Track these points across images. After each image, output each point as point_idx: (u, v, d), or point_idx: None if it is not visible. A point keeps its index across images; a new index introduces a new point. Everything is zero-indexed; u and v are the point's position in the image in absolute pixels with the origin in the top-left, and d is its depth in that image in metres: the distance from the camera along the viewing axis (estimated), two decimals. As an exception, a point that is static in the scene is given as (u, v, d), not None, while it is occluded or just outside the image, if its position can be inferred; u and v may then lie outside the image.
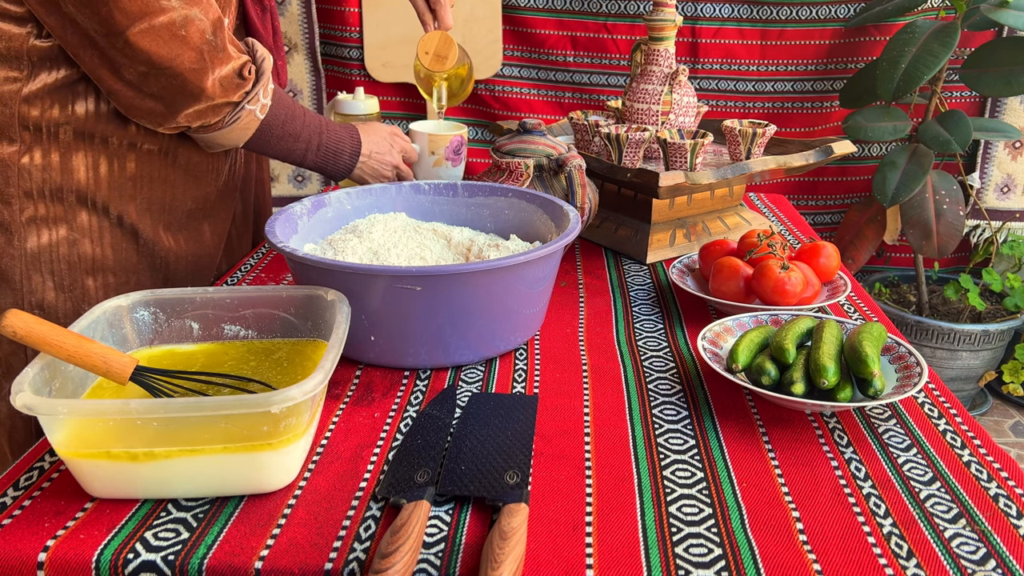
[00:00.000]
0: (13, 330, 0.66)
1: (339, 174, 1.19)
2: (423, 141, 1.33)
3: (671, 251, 1.27)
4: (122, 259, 1.05)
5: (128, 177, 1.02)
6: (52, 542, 0.63)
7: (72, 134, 0.97)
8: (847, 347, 0.83)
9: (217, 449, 0.65)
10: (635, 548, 0.63)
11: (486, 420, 0.79)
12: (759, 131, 1.26)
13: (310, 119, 1.11)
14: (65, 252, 1.00)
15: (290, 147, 1.09)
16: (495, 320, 0.90)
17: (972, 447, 0.76)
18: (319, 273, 0.86)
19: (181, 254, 1.12)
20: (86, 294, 1.03)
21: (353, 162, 1.18)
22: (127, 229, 1.04)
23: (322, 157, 1.14)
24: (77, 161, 0.98)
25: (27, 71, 0.92)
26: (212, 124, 1.00)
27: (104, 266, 1.03)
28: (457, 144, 1.34)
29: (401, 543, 0.60)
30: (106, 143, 0.99)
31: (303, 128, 1.09)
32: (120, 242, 1.04)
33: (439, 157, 1.33)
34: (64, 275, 1.00)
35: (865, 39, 2.35)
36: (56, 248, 0.99)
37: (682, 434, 0.78)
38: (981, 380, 2.43)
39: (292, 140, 1.08)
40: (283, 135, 1.07)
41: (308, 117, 1.11)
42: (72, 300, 1.01)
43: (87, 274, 1.02)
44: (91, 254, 1.02)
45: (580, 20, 2.36)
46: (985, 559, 0.62)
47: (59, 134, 0.96)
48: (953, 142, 2.09)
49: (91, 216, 1.00)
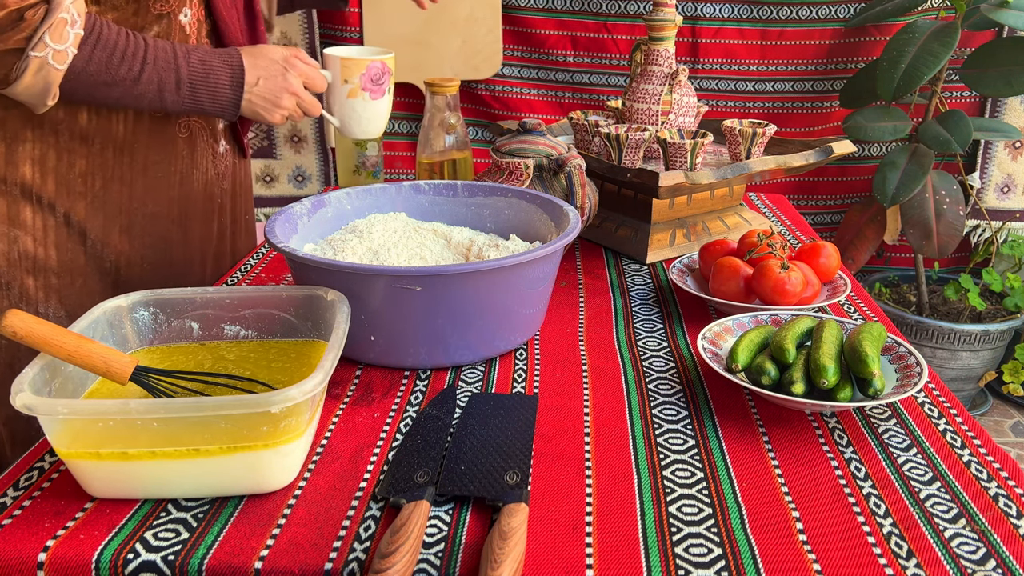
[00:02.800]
0: (13, 330, 0.66)
1: (221, 111, 1.03)
2: (335, 66, 1.11)
3: (671, 251, 1.27)
4: (67, 260, 1.00)
5: (77, 173, 0.98)
6: (52, 542, 0.63)
7: (19, 121, 0.93)
8: (847, 347, 0.83)
9: (217, 449, 0.65)
10: (635, 548, 0.63)
11: (486, 420, 0.79)
12: (759, 131, 1.26)
13: (162, 56, 0.96)
14: (4, 248, 0.96)
15: (128, 91, 0.94)
16: (495, 320, 0.90)
17: (972, 447, 0.76)
18: (319, 273, 0.86)
19: (136, 259, 1.08)
20: (24, 294, 0.99)
21: (237, 94, 1.01)
22: (74, 229, 1.00)
23: (190, 96, 0.98)
24: (24, 152, 0.94)
25: None
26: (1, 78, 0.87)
27: (47, 266, 0.99)
28: (376, 72, 1.13)
29: (401, 543, 0.60)
30: (56, 134, 0.95)
31: (146, 67, 0.94)
32: (66, 242, 1.00)
33: (354, 87, 1.12)
34: (2, 272, 0.97)
35: (865, 39, 2.35)
36: None
37: (682, 434, 0.78)
38: (981, 380, 2.43)
39: (130, 84, 0.94)
40: (113, 80, 0.92)
41: (158, 53, 0.95)
42: (9, 300, 0.98)
43: (27, 273, 0.98)
44: (32, 253, 0.98)
45: (580, 20, 2.35)
46: (985, 559, 0.62)
47: (6, 121, 0.92)
48: (953, 142, 2.09)
49: (35, 213, 0.96)
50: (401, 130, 2.48)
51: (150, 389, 0.72)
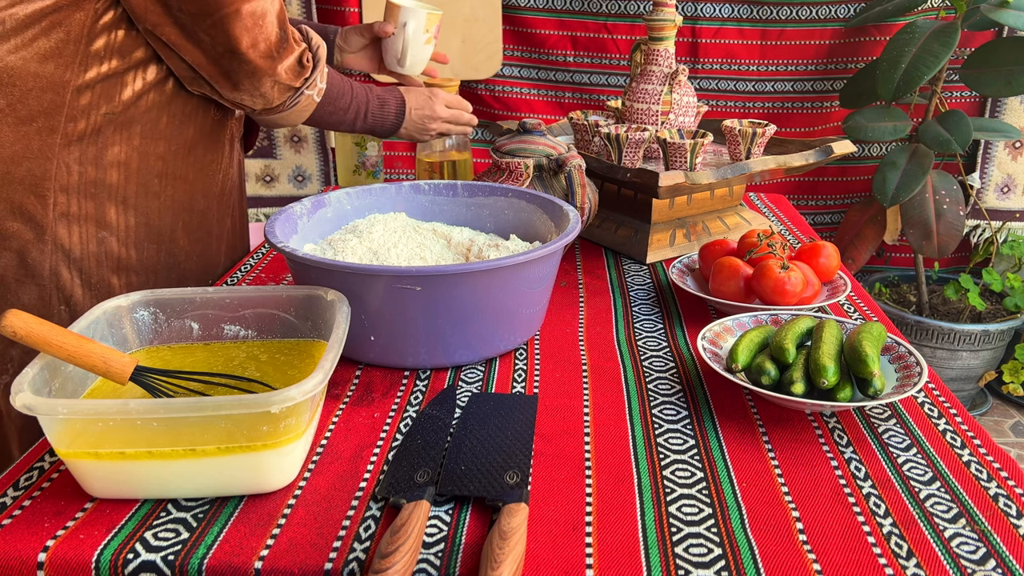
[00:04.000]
0: (13, 330, 0.66)
1: (388, 132, 1.28)
2: (418, 18, 1.30)
3: (671, 251, 1.27)
4: (144, 258, 1.05)
5: (155, 174, 1.03)
6: (52, 542, 0.63)
7: (112, 127, 0.97)
8: (847, 347, 0.83)
9: (217, 449, 0.65)
10: (635, 548, 0.63)
11: (486, 420, 0.79)
12: (759, 131, 1.26)
13: (358, 91, 1.20)
14: (94, 250, 1.00)
15: (342, 119, 1.19)
16: (495, 320, 0.90)
17: (972, 447, 0.76)
18: (319, 273, 0.86)
19: (192, 253, 1.13)
20: (110, 292, 1.03)
21: (400, 120, 1.26)
22: (152, 228, 1.05)
23: (371, 122, 1.24)
24: (111, 156, 0.98)
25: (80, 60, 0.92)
26: (274, 107, 1.06)
27: (128, 265, 1.04)
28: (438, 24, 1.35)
29: (401, 543, 0.60)
30: (137, 137, 1.00)
31: (352, 100, 1.19)
32: (143, 241, 1.05)
33: (430, 36, 1.32)
34: (92, 272, 1.01)
35: (865, 39, 2.35)
36: (86, 245, 0.99)
37: (682, 434, 0.78)
38: (981, 380, 2.43)
39: (343, 113, 1.18)
40: (335, 110, 1.17)
41: (356, 89, 1.20)
42: (97, 298, 1.01)
43: (112, 273, 1.02)
44: (117, 253, 1.02)
45: (580, 20, 2.35)
46: (985, 559, 0.62)
47: (100, 126, 0.96)
48: (953, 142, 2.09)
49: (119, 214, 1.01)
50: None
51: (150, 389, 0.72)
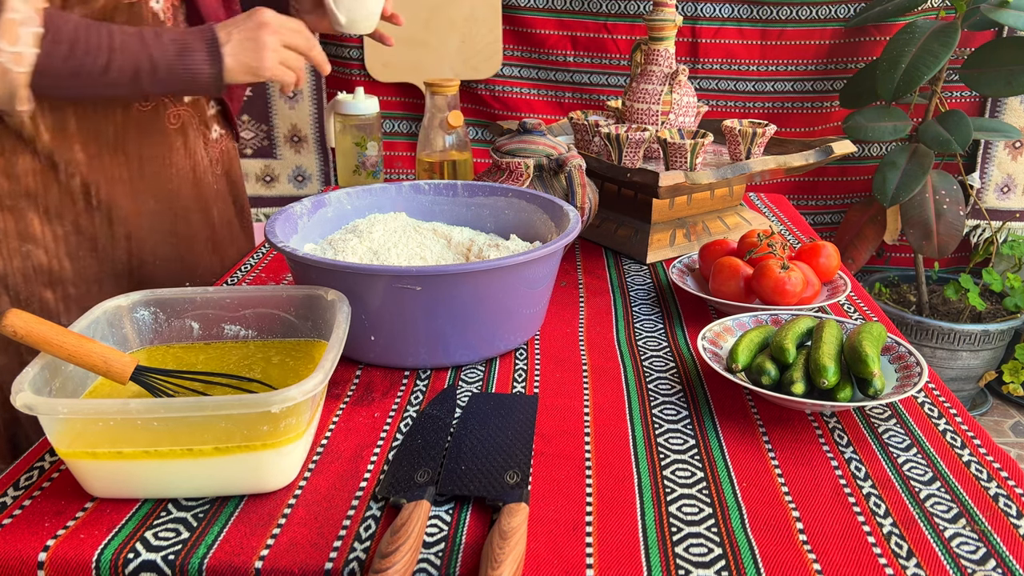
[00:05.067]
0: (13, 330, 0.66)
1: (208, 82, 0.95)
2: None
3: (671, 251, 1.27)
4: (81, 269, 1.00)
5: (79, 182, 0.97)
6: (52, 542, 0.63)
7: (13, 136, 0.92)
8: (847, 347, 0.83)
9: (217, 449, 0.65)
10: (635, 548, 0.63)
11: (486, 420, 0.79)
12: (759, 131, 1.26)
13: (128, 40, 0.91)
14: (19, 264, 0.95)
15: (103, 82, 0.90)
16: (495, 320, 0.90)
17: (972, 447, 0.76)
18: (319, 273, 0.86)
19: (148, 258, 1.07)
20: (44, 307, 0.98)
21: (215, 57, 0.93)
22: (84, 236, 0.99)
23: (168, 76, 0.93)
24: (24, 165, 0.93)
25: None
26: None
27: (62, 278, 0.98)
28: None
29: (401, 543, 0.60)
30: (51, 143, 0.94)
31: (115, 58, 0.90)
32: (77, 251, 0.99)
33: None
34: (20, 288, 0.96)
35: (865, 39, 2.35)
36: (8, 261, 0.94)
37: (682, 434, 0.78)
38: (981, 380, 2.43)
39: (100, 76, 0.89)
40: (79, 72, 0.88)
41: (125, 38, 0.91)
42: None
43: (45, 287, 0.97)
44: (47, 265, 0.97)
45: (580, 20, 2.35)
46: (985, 559, 0.62)
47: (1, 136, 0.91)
48: (953, 142, 2.09)
49: (43, 224, 0.95)
50: (401, 130, 2.48)
51: (150, 389, 0.72)
